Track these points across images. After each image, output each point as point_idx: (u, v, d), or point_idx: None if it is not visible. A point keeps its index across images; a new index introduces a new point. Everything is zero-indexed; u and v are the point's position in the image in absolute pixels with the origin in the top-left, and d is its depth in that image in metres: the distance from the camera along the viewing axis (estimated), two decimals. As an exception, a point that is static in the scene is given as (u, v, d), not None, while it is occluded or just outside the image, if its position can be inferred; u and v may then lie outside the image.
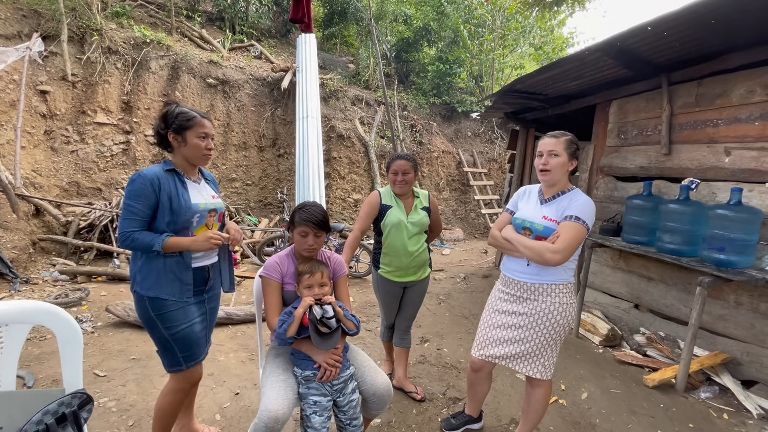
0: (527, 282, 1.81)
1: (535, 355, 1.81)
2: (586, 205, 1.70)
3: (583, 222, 1.66)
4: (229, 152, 7.15)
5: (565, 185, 1.79)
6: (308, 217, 1.70)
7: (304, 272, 1.70)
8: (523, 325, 1.82)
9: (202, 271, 1.72)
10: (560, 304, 1.77)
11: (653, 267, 3.35)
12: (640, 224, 3.17)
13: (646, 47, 3.00)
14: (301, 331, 1.62)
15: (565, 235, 1.65)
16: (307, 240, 1.71)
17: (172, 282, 1.59)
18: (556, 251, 1.64)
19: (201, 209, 1.66)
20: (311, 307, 1.61)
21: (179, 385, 1.72)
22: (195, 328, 1.68)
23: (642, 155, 3.52)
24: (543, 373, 1.83)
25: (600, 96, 3.98)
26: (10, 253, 3.98)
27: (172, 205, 1.56)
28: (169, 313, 1.60)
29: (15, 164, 4.62)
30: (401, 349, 2.56)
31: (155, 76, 6.61)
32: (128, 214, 1.54)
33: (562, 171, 1.75)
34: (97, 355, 2.80)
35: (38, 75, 5.69)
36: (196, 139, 1.63)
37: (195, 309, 1.70)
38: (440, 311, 4.13)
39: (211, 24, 8.58)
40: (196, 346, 1.70)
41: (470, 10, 9.59)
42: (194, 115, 1.64)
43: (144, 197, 1.54)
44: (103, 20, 6.37)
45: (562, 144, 1.74)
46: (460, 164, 9.26)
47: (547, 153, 1.76)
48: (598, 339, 3.40)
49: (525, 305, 1.82)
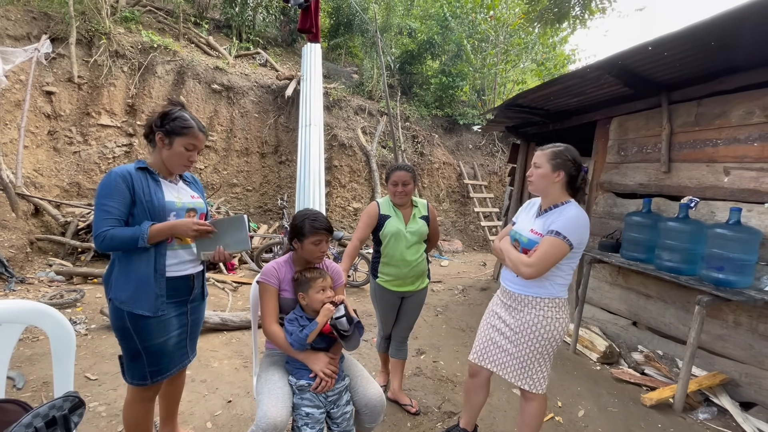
0: (516, 293, 1.85)
1: (522, 368, 1.82)
2: (572, 221, 1.67)
3: (563, 237, 1.64)
4: (231, 158, 7.18)
5: (560, 198, 1.78)
6: (320, 225, 1.72)
7: (315, 277, 1.69)
8: (511, 335, 1.85)
9: (186, 280, 1.66)
10: (544, 318, 1.76)
11: (652, 284, 3.35)
12: (639, 241, 3.18)
13: (646, 66, 3.04)
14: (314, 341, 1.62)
15: (541, 250, 1.67)
16: (320, 247, 1.73)
17: (148, 294, 1.52)
18: (528, 265, 1.68)
19: (177, 207, 1.60)
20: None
21: (141, 395, 1.65)
22: (170, 341, 1.62)
23: (642, 172, 3.54)
24: (533, 386, 1.82)
25: (601, 113, 4.01)
26: (7, 252, 3.96)
27: (145, 204, 1.51)
28: (147, 326, 1.54)
29: (17, 163, 4.63)
30: (397, 360, 2.54)
31: (161, 80, 6.68)
32: (102, 214, 1.45)
33: (545, 182, 1.76)
34: (90, 358, 2.76)
35: (45, 76, 5.74)
36: (182, 147, 1.58)
37: (175, 321, 1.64)
38: (437, 323, 4.10)
39: (218, 31, 8.70)
40: (167, 360, 1.64)
41: (474, 25, 9.74)
42: (192, 124, 1.59)
43: (117, 194, 1.47)
44: (112, 24, 6.46)
45: (545, 156, 1.77)
46: (460, 176, 9.30)
47: (533, 164, 1.82)
48: (596, 356, 3.37)
49: (513, 315, 1.86)
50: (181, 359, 1.73)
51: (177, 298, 1.65)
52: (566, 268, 1.76)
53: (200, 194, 1.82)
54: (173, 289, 1.62)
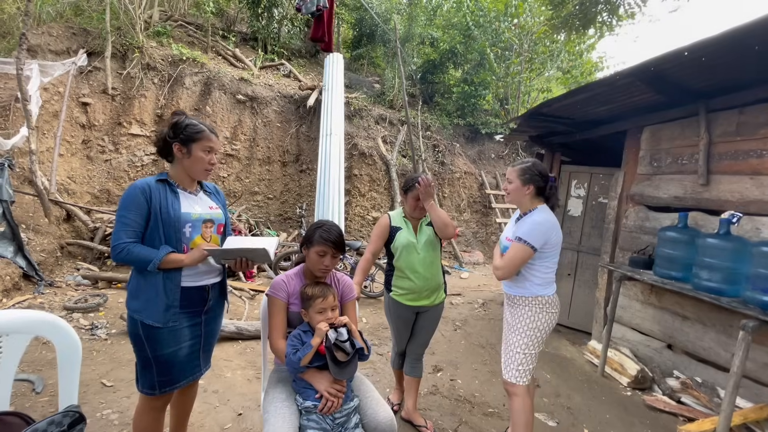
0: (507, 292, 2.10)
1: (507, 359, 2.02)
2: (534, 226, 1.91)
3: (524, 242, 1.88)
4: (253, 166, 7.30)
5: (530, 206, 2.02)
6: (328, 237, 1.65)
7: (316, 296, 1.62)
8: (504, 329, 2.10)
9: (201, 291, 1.65)
10: (531, 314, 1.97)
11: (689, 305, 3.11)
12: (674, 258, 2.96)
13: (682, 73, 2.86)
14: (312, 360, 1.55)
15: (508, 254, 1.94)
16: (324, 260, 1.65)
17: (157, 305, 1.53)
18: (497, 268, 1.98)
19: (193, 219, 1.61)
20: (326, 333, 1.53)
21: (151, 404, 1.64)
22: (181, 352, 1.61)
23: (677, 185, 3.32)
24: (516, 377, 1.95)
25: (631, 122, 3.82)
26: (39, 256, 4.12)
27: (161, 215, 1.53)
28: (158, 335, 1.54)
29: (52, 171, 4.85)
30: (412, 378, 2.44)
31: (188, 91, 6.90)
32: (121, 225, 1.50)
33: (518, 194, 2.03)
34: (107, 364, 2.80)
35: (81, 88, 6.04)
36: (201, 152, 1.61)
37: (187, 332, 1.62)
38: (456, 338, 3.96)
39: (245, 44, 8.95)
40: (177, 371, 1.62)
41: (497, 33, 9.63)
42: (203, 128, 1.62)
43: (136, 206, 1.50)
44: (145, 39, 6.74)
45: (515, 172, 2.02)
46: (482, 186, 9.12)
47: (506, 180, 2.08)
48: (626, 380, 3.15)
49: (512, 313, 2.07)
50: (193, 371, 1.71)
51: (190, 309, 1.63)
52: (541, 269, 1.96)
53: (221, 205, 1.82)
54: (187, 300, 1.61)
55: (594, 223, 4.42)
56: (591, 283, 4.33)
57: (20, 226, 4.10)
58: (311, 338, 1.56)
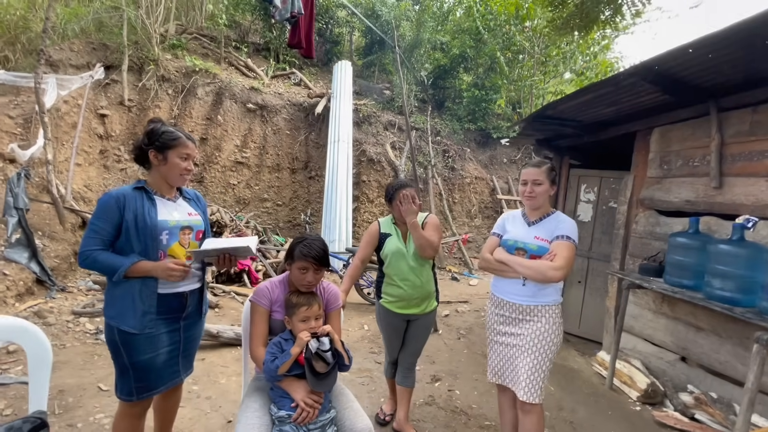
0: (523, 304, 1.90)
1: (533, 377, 1.83)
2: (574, 226, 1.89)
3: (573, 241, 1.84)
4: (263, 173, 7.41)
5: (548, 208, 1.98)
6: (308, 252, 1.60)
7: (301, 304, 1.59)
8: (519, 345, 1.89)
9: (179, 298, 1.65)
10: (554, 324, 1.87)
11: (702, 315, 2.93)
12: (686, 265, 2.81)
13: (689, 71, 2.73)
14: (292, 368, 1.52)
15: (563, 254, 1.80)
16: (306, 276, 1.61)
17: (134, 311, 1.53)
18: (557, 268, 1.76)
19: (170, 226, 1.61)
20: (308, 343, 1.51)
21: (129, 410, 1.64)
22: (158, 358, 1.60)
23: (688, 188, 3.16)
24: (532, 396, 1.81)
25: (640, 123, 3.67)
26: (53, 262, 4.27)
27: (138, 222, 1.53)
28: (134, 341, 1.54)
29: (68, 180, 5.04)
30: (404, 388, 2.38)
31: (201, 101, 7.09)
32: (90, 233, 1.51)
33: (545, 197, 1.93)
34: (107, 368, 2.84)
35: (99, 100, 6.29)
36: (177, 158, 1.61)
37: (165, 338, 1.62)
38: (458, 347, 3.86)
39: (257, 54, 9.15)
40: (155, 377, 1.61)
41: (508, 37, 9.52)
42: (179, 135, 1.62)
43: (107, 215, 1.51)
44: (161, 52, 6.98)
45: (544, 173, 1.92)
46: (493, 191, 8.98)
47: (532, 182, 1.92)
48: (636, 394, 2.99)
49: (521, 326, 1.90)
50: (171, 377, 1.70)
51: (168, 315, 1.63)
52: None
53: (201, 211, 1.82)
54: (164, 306, 1.61)
55: (604, 228, 4.26)
56: (602, 291, 4.16)
57: (36, 233, 4.26)
58: (292, 346, 1.53)
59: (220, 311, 4.23)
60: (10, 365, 2.76)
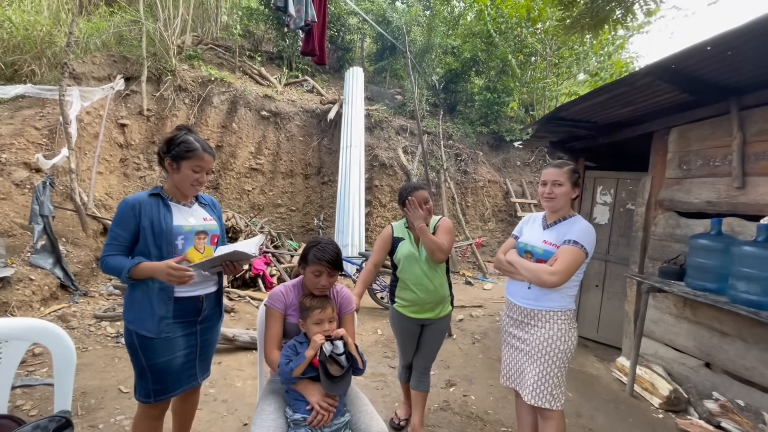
0: (527, 308, 1.88)
1: (540, 385, 1.81)
2: (586, 230, 1.78)
3: (581, 246, 1.74)
4: (277, 179, 7.51)
5: (568, 211, 1.90)
6: (322, 256, 1.62)
7: (315, 307, 1.61)
8: (526, 351, 1.87)
9: (195, 301, 1.68)
10: (559, 331, 1.80)
11: (727, 319, 2.84)
12: (708, 268, 2.72)
13: (707, 68, 2.67)
14: (307, 371, 1.54)
15: (563, 258, 1.73)
16: (320, 279, 1.63)
17: (151, 316, 1.57)
18: (553, 273, 1.72)
19: (185, 231, 1.65)
20: (322, 346, 1.52)
21: (147, 412, 1.68)
22: (176, 361, 1.63)
23: (709, 188, 3.07)
24: (551, 402, 1.78)
25: (657, 123, 3.60)
26: (76, 267, 4.40)
27: (154, 228, 1.57)
28: (152, 344, 1.58)
29: (90, 188, 5.20)
30: (418, 393, 2.37)
31: (216, 109, 7.25)
32: (109, 239, 1.58)
33: (565, 199, 1.86)
34: (127, 371, 2.91)
35: (120, 110, 6.49)
36: (189, 170, 1.63)
37: (182, 341, 1.65)
38: (473, 352, 3.82)
39: (270, 62, 9.32)
40: (172, 380, 1.65)
41: (520, 39, 9.47)
42: (196, 147, 1.64)
43: (124, 222, 1.57)
44: (178, 62, 7.18)
45: (566, 174, 1.85)
46: (507, 194, 8.89)
47: (551, 183, 1.86)
48: (658, 401, 2.90)
49: (526, 331, 1.89)
50: (189, 380, 1.73)
51: (184, 319, 1.66)
52: (575, 279, 1.81)
53: (216, 217, 1.85)
54: (180, 310, 1.64)
55: (622, 231, 4.17)
56: (620, 295, 4.06)
57: (60, 240, 4.41)
58: (306, 349, 1.55)
59: (236, 315, 4.29)
60: (36, 367, 2.85)
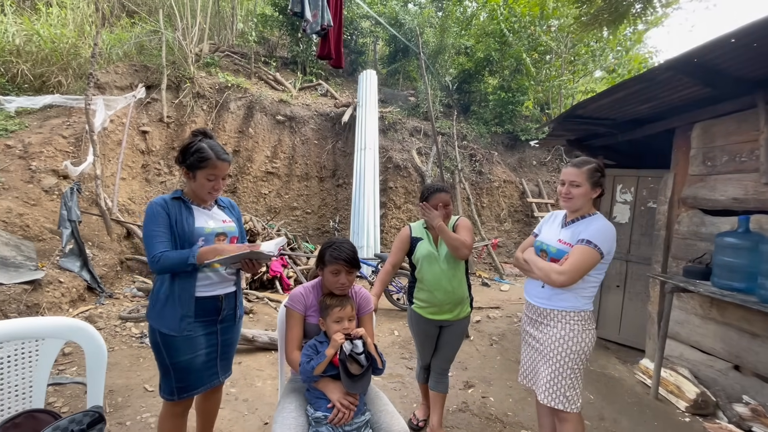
0: (541, 307, 1.87)
1: (554, 385, 1.78)
2: (602, 230, 1.73)
3: (594, 246, 1.69)
4: (293, 182, 7.61)
5: (588, 210, 1.85)
6: (339, 255, 1.65)
7: (334, 305, 1.64)
8: (540, 350, 1.86)
9: (215, 301, 1.72)
10: (571, 331, 1.77)
11: (757, 320, 2.74)
12: (735, 267, 2.64)
13: (731, 62, 2.59)
14: (327, 369, 1.56)
15: (573, 258, 1.70)
16: (339, 278, 1.66)
17: (174, 315, 1.61)
18: (561, 272, 1.70)
19: (206, 233, 1.69)
20: (342, 345, 1.55)
21: (172, 410, 1.73)
22: (198, 359, 1.68)
23: (735, 185, 2.98)
24: (567, 404, 1.76)
25: (679, 119, 3.51)
26: (101, 270, 4.55)
27: (177, 229, 1.63)
28: (174, 343, 1.62)
29: (114, 193, 5.38)
30: (437, 393, 2.36)
31: (233, 115, 7.40)
32: (150, 240, 1.60)
33: (584, 200, 1.81)
34: (151, 370, 2.99)
35: (141, 118, 6.69)
36: (204, 179, 1.67)
37: (203, 340, 1.70)
38: (491, 353, 3.78)
39: (285, 67, 9.47)
40: (194, 378, 1.69)
41: (534, 38, 9.36)
42: (209, 157, 1.65)
43: (160, 218, 1.62)
44: (196, 70, 7.37)
45: (584, 174, 1.79)
46: (523, 194, 8.78)
47: (569, 183, 1.82)
48: (684, 404, 2.82)
49: (540, 330, 1.88)
50: (210, 378, 1.78)
51: (205, 318, 1.71)
52: (592, 280, 1.77)
53: (234, 218, 1.90)
54: (201, 309, 1.69)
55: (643, 230, 4.07)
56: (642, 296, 3.96)
57: (86, 243, 4.57)
58: (327, 348, 1.57)
59: (254, 316, 4.36)
60: (66, 366, 2.96)
